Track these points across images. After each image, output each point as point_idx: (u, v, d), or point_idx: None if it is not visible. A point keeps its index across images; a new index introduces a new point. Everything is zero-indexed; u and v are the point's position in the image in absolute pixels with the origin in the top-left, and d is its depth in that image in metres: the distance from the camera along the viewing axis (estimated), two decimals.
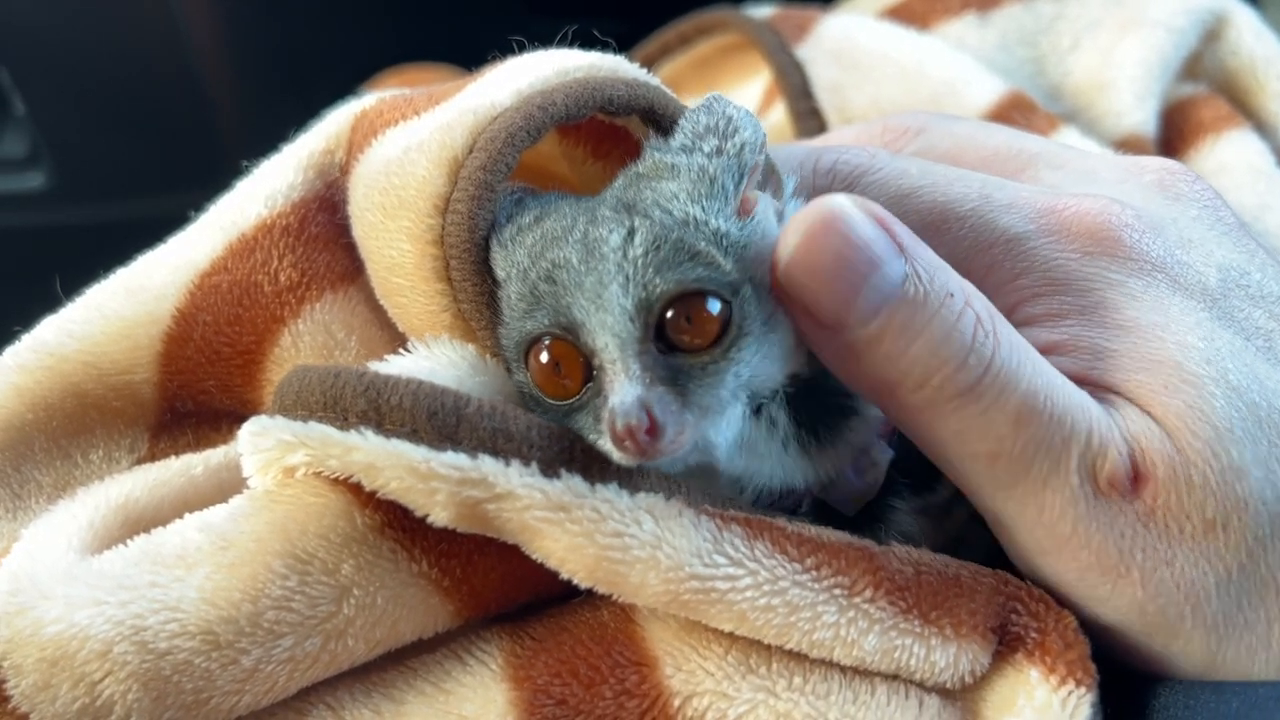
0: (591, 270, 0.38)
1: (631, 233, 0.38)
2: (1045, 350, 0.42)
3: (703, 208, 0.40)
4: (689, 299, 0.38)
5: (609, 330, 0.37)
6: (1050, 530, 0.40)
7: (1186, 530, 0.39)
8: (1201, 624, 0.39)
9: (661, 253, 0.38)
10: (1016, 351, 0.39)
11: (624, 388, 0.37)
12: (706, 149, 0.41)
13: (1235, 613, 0.39)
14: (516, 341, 0.40)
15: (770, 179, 0.44)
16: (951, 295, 0.39)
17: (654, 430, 0.36)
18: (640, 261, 0.38)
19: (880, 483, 0.45)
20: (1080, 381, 0.41)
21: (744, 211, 0.41)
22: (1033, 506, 0.40)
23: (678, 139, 0.42)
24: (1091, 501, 0.39)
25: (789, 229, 0.39)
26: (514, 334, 0.41)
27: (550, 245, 0.40)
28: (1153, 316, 0.41)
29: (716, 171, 0.40)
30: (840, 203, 0.39)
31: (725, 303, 0.38)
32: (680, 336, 0.38)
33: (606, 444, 0.37)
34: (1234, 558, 0.39)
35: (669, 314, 0.38)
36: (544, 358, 0.39)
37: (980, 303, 0.40)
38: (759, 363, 0.40)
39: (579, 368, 0.39)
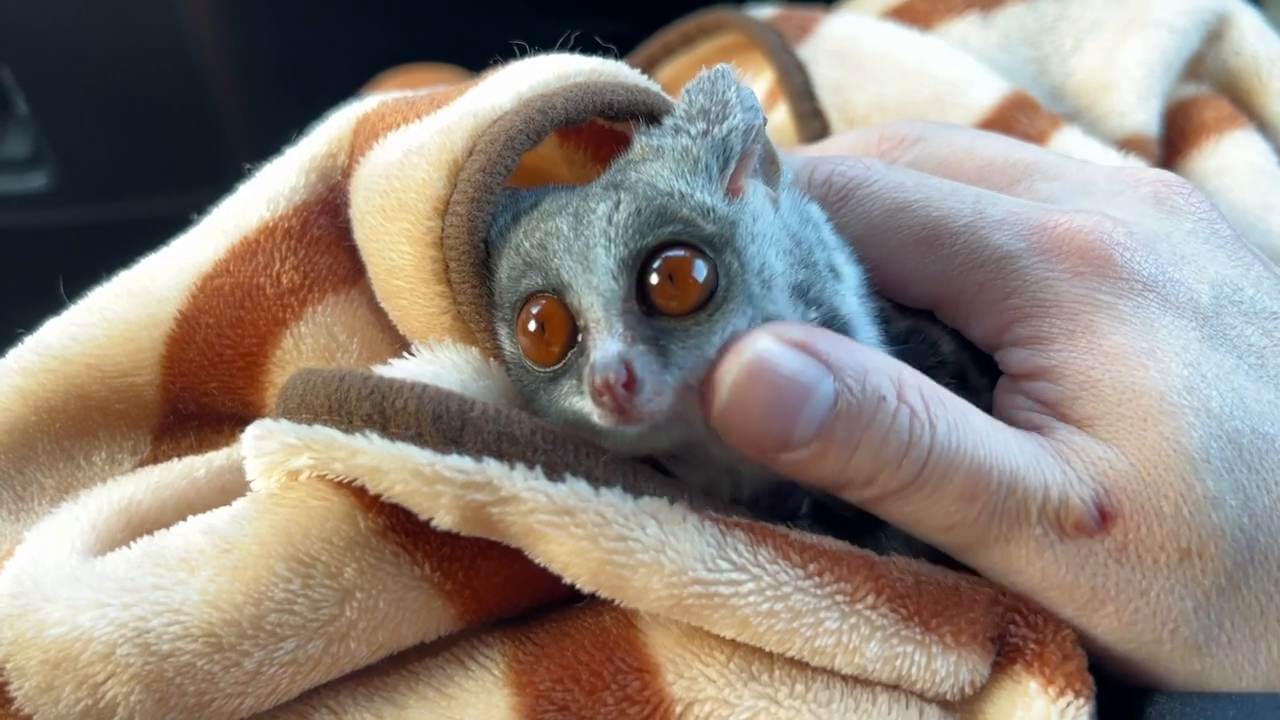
0: (580, 236, 0.39)
1: (618, 203, 0.39)
2: (1032, 375, 0.43)
3: (686, 182, 0.40)
4: (674, 262, 0.38)
5: (594, 289, 0.38)
6: (1020, 575, 0.40)
7: (1161, 560, 0.39)
8: (1182, 645, 0.40)
9: (643, 216, 0.39)
10: (955, 430, 0.39)
11: (605, 344, 0.37)
12: (694, 131, 0.42)
13: (1217, 633, 0.40)
14: (510, 304, 0.41)
15: (768, 166, 0.44)
16: (884, 398, 0.39)
17: (631, 385, 0.36)
18: (623, 224, 0.39)
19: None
20: (1061, 410, 0.42)
21: (732, 193, 0.41)
22: (1000, 561, 0.40)
23: (670, 120, 0.43)
24: (1058, 547, 0.40)
25: (716, 377, 0.38)
26: (506, 302, 0.41)
27: (544, 219, 0.41)
28: (1138, 342, 0.41)
29: (700, 152, 0.41)
30: (761, 346, 0.38)
31: (710, 264, 0.39)
32: (666, 301, 0.38)
33: (587, 404, 0.38)
34: (1212, 583, 0.39)
35: (654, 278, 0.38)
36: (531, 325, 0.40)
37: (913, 392, 0.40)
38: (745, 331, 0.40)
39: (564, 330, 0.39)
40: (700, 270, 0.38)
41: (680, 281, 0.38)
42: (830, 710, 0.38)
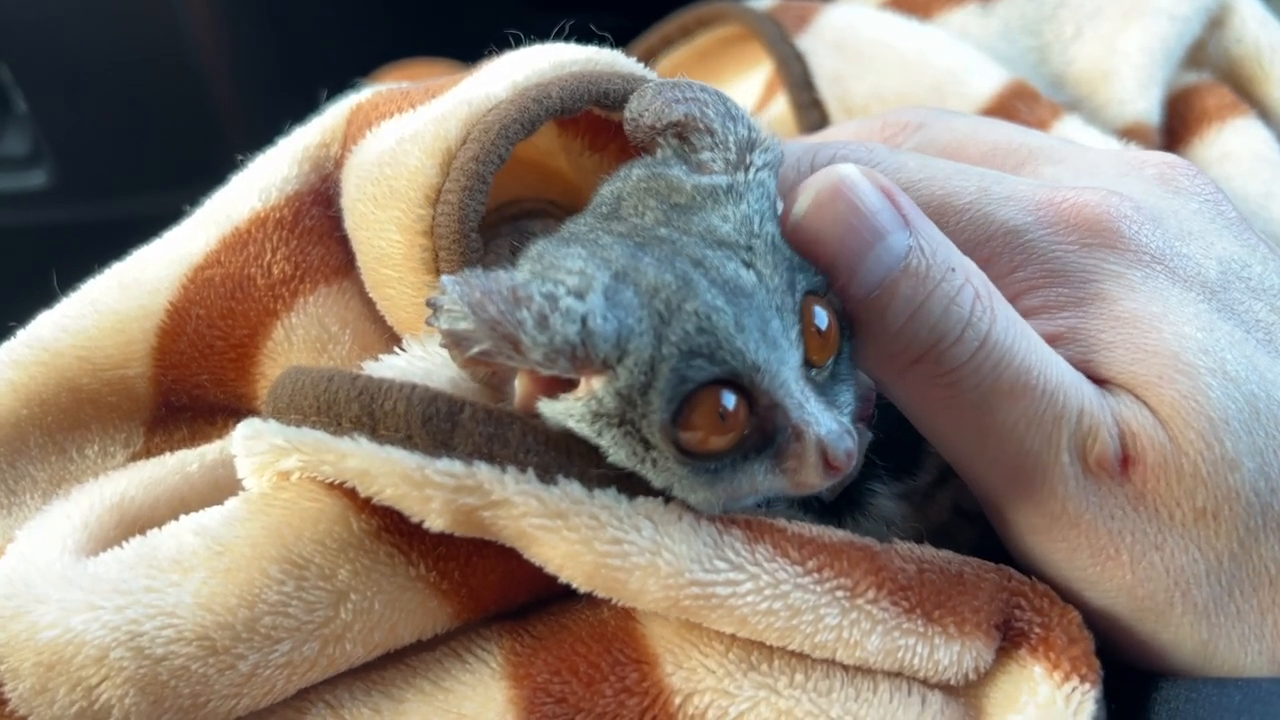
0: (747, 311, 0.36)
1: (751, 265, 0.37)
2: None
3: (774, 223, 0.39)
4: (816, 313, 0.38)
5: (785, 365, 0.36)
6: (1040, 508, 0.40)
7: (1177, 517, 0.39)
8: (1191, 610, 0.39)
9: (786, 276, 0.37)
10: (1012, 327, 0.39)
11: (822, 416, 0.36)
12: (759, 163, 0.40)
13: (1226, 601, 0.39)
14: (664, 402, 0.36)
15: None
16: (952, 270, 0.39)
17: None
18: (780, 293, 0.37)
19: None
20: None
21: None
22: (1023, 483, 0.40)
23: (718, 153, 0.40)
24: (1081, 480, 0.40)
25: (799, 191, 0.39)
26: (654, 405, 0.36)
27: (683, 298, 0.36)
28: (1151, 307, 0.41)
29: (769, 184, 0.40)
30: (848, 170, 0.39)
31: (828, 304, 0.38)
32: (816, 355, 0.38)
33: (786, 479, 0.37)
34: (1225, 546, 0.39)
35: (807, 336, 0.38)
36: (712, 409, 0.36)
37: (979, 278, 0.40)
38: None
39: (743, 413, 0.36)
40: (825, 314, 0.38)
41: (825, 332, 0.38)
42: (830, 699, 0.38)
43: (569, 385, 0.38)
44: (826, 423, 0.36)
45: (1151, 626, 0.40)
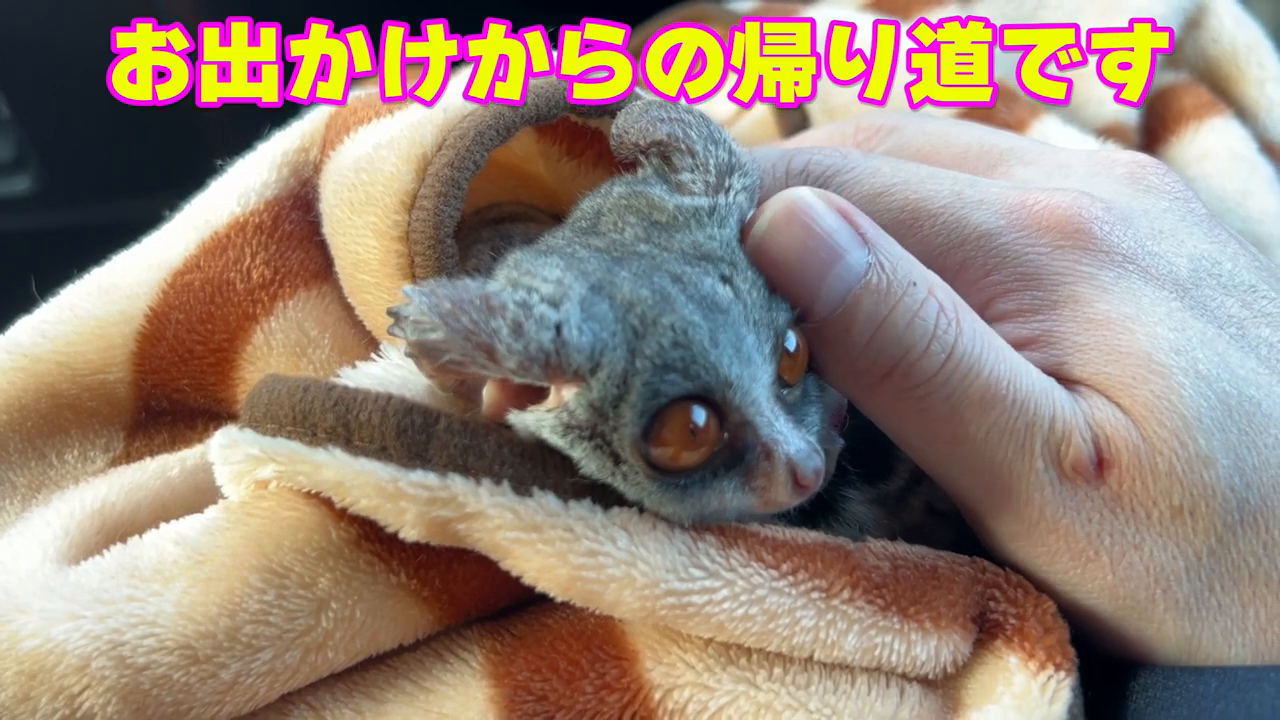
0: (722, 327, 0.36)
1: (729, 281, 0.38)
2: (1017, 346, 0.42)
3: (744, 248, 0.39)
4: (783, 333, 0.38)
5: (757, 383, 0.37)
6: (1018, 515, 0.40)
7: (1154, 515, 0.39)
8: (1173, 607, 0.40)
9: (762, 296, 0.38)
10: (979, 339, 0.40)
11: (791, 435, 0.37)
12: (738, 186, 0.40)
13: (1207, 596, 0.40)
14: (636, 416, 0.36)
15: None
16: (914, 284, 0.39)
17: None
18: (757, 309, 0.37)
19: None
20: (1050, 375, 0.42)
21: None
22: (999, 492, 0.40)
23: (698, 174, 0.40)
24: (1057, 486, 0.40)
25: (756, 216, 0.40)
26: (625, 418, 0.36)
27: (659, 312, 0.36)
28: (1123, 308, 0.41)
29: (746, 209, 0.40)
30: (802, 194, 0.40)
31: (799, 328, 0.39)
32: (787, 374, 0.38)
33: (755, 497, 0.38)
34: (1203, 543, 0.39)
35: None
36: (683, 424, 0.36)
37: (944, 292, 0.40)
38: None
39: (714, 429, 0.37)
40: (794, 336, 0.39)
41: (795, 353, 0.39)
42: (809, 692, 0.38)
43: (538, 396, 0.38)
44: (795, 441, 0.37)
45: (1135, 624, 0.40)
